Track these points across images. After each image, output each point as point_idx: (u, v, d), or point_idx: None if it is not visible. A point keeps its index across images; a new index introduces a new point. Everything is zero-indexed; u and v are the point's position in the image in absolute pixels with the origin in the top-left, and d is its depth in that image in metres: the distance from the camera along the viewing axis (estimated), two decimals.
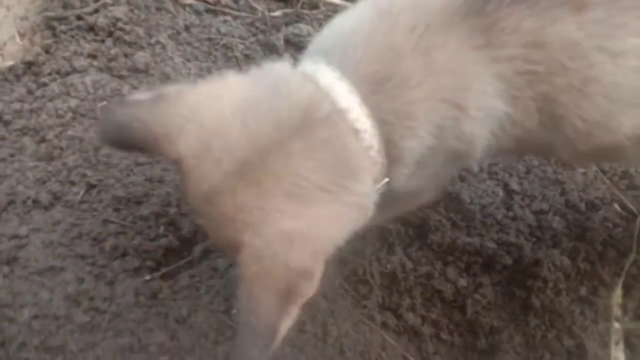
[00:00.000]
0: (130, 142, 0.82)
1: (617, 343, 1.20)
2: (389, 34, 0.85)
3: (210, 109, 0.81)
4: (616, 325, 1.23)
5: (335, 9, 1.80)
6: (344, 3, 1.80)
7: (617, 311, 1.25)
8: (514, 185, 1.48)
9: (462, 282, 1.30)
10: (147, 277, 1.15)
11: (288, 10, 1.79)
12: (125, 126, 0.81)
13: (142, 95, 0.88)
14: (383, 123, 0.84)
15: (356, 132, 0.83)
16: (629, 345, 1.24)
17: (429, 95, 0.84)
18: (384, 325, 1.25)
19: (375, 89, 0.84)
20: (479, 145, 0.91)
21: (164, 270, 1.19)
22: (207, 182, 0.79)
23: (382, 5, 0.88)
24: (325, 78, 0.83)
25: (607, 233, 1.37)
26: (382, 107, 0.84)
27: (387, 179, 0.90)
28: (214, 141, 0.79)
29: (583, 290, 1.28)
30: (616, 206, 1.42)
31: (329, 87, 0.82)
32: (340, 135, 0.82)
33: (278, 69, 0.88)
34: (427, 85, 0.84)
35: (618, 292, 1.26)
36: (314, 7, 1.80)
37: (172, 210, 1.27)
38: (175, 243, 1.22)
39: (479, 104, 0.86)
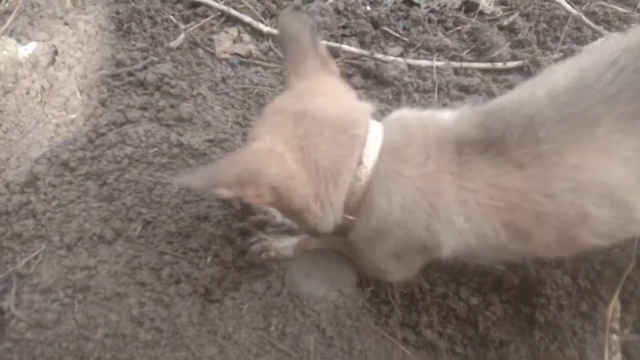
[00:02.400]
0: (291, 50, 1.22)
1: (614, 353, 1.33)
2: (413, 129, 1.18)
3: (319, 87, 1.20)
4: (614, 336, 1.35)
5: (354, 56, 2.00)
6: (362, 52, 2.00)
7: (614, 323, 1.37)
8: None
9: (474, 300, 1.44)
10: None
11: None
12: (299, 37, 1.22)
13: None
14: (377, 174, 1.14)
15: (360, 162, 1.13)
16: (627, 356, 1.36)
17: (412, 180, 1.13)
18: (405, 340, 1.40)
19: (389, 151, 1.15)
20: (444, 246, 1.16)
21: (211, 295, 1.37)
22: (279, 105, 1.18)
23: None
24: (373, 125, 1.18)
25: (605, 254, 1.50)
26: (384, 163, 1.14)
27: (352, 217, 1.19)
28: (306, 96, 1.18)
29: (583, 306, 1.41)
30: None
31: (370, 128, 1.16)
32: (353, 151, 1.13)
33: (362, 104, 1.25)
34: (415, 174, 1.13)
35: (614, 303, 1.38)
36: (335, 55, 2.00)
37: (215, 246, 1.44)
38: (220, 272, 1.40)
39: (445, 214, 1.12)
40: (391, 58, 2.00)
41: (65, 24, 2.02)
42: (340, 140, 1.13)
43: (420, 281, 1.47)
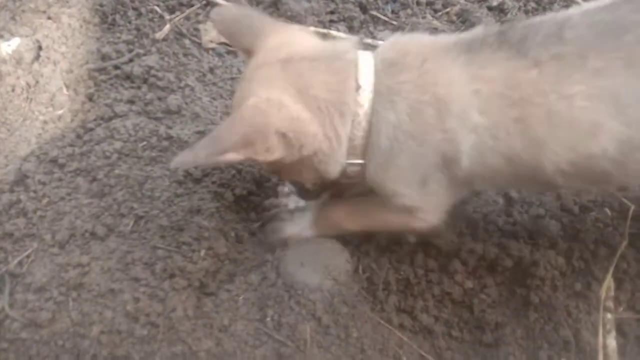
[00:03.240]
0: (236, 28, 1.25)
1: (609, 332, 1.34)
2: (408, 40, 1.22)
3: (294, 38, 1.22)
4: (608, 315, 1.36)
5: None
6: (350, 36, 1.98)
7: (608, 302, 1.38)
8: (513, 194, 1.62)
9: (469, 283, 1.45)
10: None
11: None
12: (241, 15, 1.26)
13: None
14: (378, 93, 1.13)
15: (358, 86, 1.13)
16: (621, 333, 1.37)
17: (411, 82, 1.12)
18: (401, 326, 1.40)
19: (385, 68, 1.15)
20: (463, 150, 1.11)
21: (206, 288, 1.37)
22: (258, 63, 1.19)
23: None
24: (362, 52, 1.19)
25: (598, 233, 1.51)
26: (382, 81, 1.14)
27: (362, 161, 1.19)
28: (283, 47, 1.18)
29: (578, 286, 1.42)
30: (607, 209, 1.55)
31: (360, 53, 1.17)
32: (347, 78, 1.14)
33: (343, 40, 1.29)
34: (413, 75, 1.12)
35: (608, 282, 1.39)
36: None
37: (208, 239, 1.42)
38: (214, 265, 1.40)
39: (458, 106, 1.09)
40: (380, 43, 1.98)
41: (49, 18, 1.99)
42: (335, 66, 1.14)
43: (415, 267, 1.47)
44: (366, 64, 1.15)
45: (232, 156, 1.07)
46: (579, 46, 1.04)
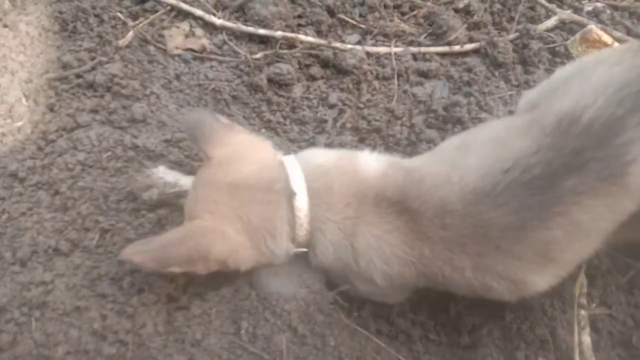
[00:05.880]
0: (199, 132, 1.34)
1: (583, 328, 1.34)
2: (333, 175, 1.29)
3: (240, 153, 1.32)
4: (582, 312, 1.37)
5: (312, 46, 1.96)
6: (319, 41, 1.96)
7: (582, 299, 1.39)
8: None
9: None
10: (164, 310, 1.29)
11: (268, 52, 1.93)
12: (198, 121, 1.36)
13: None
14: (313, 217, 1.26)
15: (297, 209, 1.25)
16: (595, 330, 1.38)
17: (336, 223, 1.26)
18: (378, 331, 1.39)
19: (313, 201, 1.26)
20: (376, 279, 1.27)
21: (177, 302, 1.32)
22: (208, 178, 1.28)
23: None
24: (290, 168, 1.29)
25: None
26: (314, 207, 1.26)
27: (305, 249, 1.31)
28: (231, 165, 1.28)
29: None
30: None
31: (290, 174, 1.27)
32: (279, 204, 1.25)
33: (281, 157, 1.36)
34: (338, 218, 1.26)
35: (581, 279, 1.40)
36: (292, 46, 1.95)
37: None
38: (185, 278, 1.35)
39: (366, 255, 1.25)
40: (349, 46, 1.97)
41: (5, 26, 1.92)
42: (268, 198, 1.25)
43: None
44: (300, 188, 1.26)
45: (174, 269, 1.19)
46: (457, 236, 1.17)
